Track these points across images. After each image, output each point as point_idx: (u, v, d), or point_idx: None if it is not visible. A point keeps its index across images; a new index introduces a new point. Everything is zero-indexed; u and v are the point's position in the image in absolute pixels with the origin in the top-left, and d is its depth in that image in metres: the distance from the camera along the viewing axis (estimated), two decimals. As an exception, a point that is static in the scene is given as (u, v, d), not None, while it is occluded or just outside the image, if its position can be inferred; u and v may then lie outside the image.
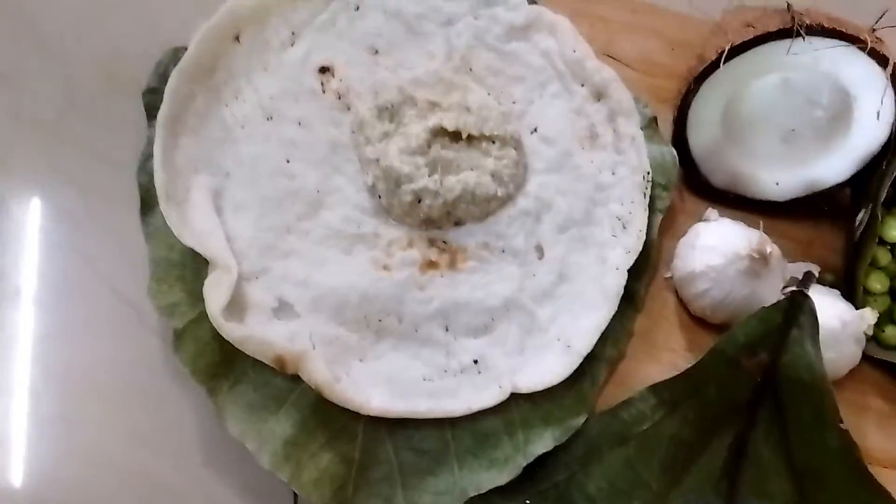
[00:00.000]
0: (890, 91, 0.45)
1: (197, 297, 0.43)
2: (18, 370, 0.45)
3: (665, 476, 0.44)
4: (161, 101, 0.45)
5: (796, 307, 0.42)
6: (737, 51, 0.44)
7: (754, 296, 0.45)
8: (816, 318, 0.42)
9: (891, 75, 0.45)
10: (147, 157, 0.47)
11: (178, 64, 0.46)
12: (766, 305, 0.42)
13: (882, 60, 0.44)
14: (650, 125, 0.50)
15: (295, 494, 0.43)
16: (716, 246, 0.45)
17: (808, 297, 0.41)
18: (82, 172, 0.50)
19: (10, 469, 0.43)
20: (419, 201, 0.45)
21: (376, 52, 0.50)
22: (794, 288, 0.42)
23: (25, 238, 0.48)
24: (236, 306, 0.42)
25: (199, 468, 0.44)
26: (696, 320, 0.48)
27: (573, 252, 0.47)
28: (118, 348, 0.46)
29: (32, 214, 0.49)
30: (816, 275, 0.47)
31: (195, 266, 0.44)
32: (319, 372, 0.40)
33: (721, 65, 0.44)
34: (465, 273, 0.46)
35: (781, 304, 0.42)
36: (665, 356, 0.47)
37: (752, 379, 0.43)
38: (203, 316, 0.42)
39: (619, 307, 0.46)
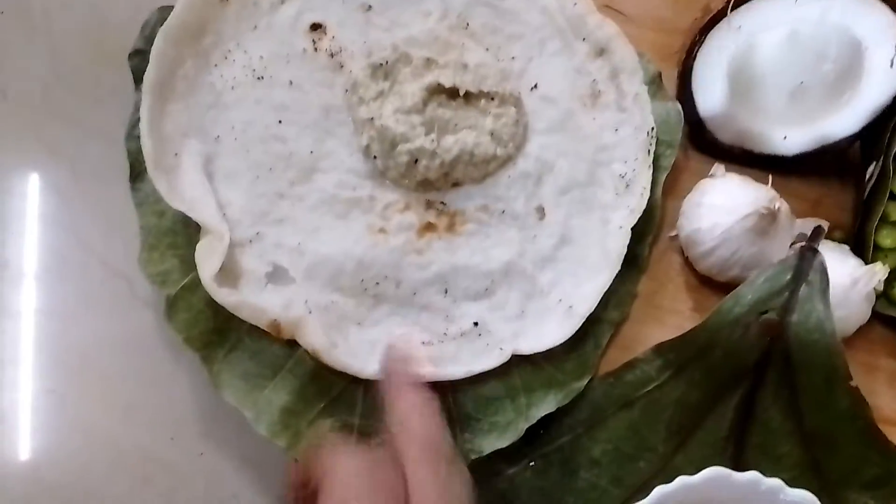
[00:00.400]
0: (898, 38, 0.43)
1: (189, 265, 0.42)
2: (9, 346, 0.45)
3: (671, 439, 0.43)
4: (147, 63, 0.44)
5: (806, 263, 0.41)
6: (740, 2, 0.42)
7: (762, 254, 0.43)
8: (827, 274, 0.40)
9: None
10: (135, 123, 0.46)
11: (164, 25, 0.45)
12: (775, 262, 0.41)
13: (896, 7, 0.43)
14: (654, 81, 0.48)
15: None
16: (722, 203, 0.44)
17: (817, 252, 0.40)
18: (70, 145, 0.49)
19: (4, 446, 0.43)
20: (415, 162, 0.44)
21: (369, 9, 0.48)
22: (803, 244, 0.40)
23: (14, 213, 0.47)
24: (230, 273, 0.42)
25: (196, 441, 0.43)
26: (703, 280, 0.47)
27: (575, 214, 0.46)
28: (111, 322, 0.45)
29: (20, 189, 0.48)
30: (826, 230, 0.45)
31: (187, 233, 0.44)
32: (316, 336, 0.39)
33: (728, 12, 0.42)
34: (463, 236, 0.45)
35: (790, 260, 0.41)
36: (670, 318, 0.46)
37: (760, 339, 0.42)
38: (196, 283, 0.41)
39: (622, 269, 0.44)
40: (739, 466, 0.43)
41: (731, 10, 0.42)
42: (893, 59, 0.43)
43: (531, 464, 0.43)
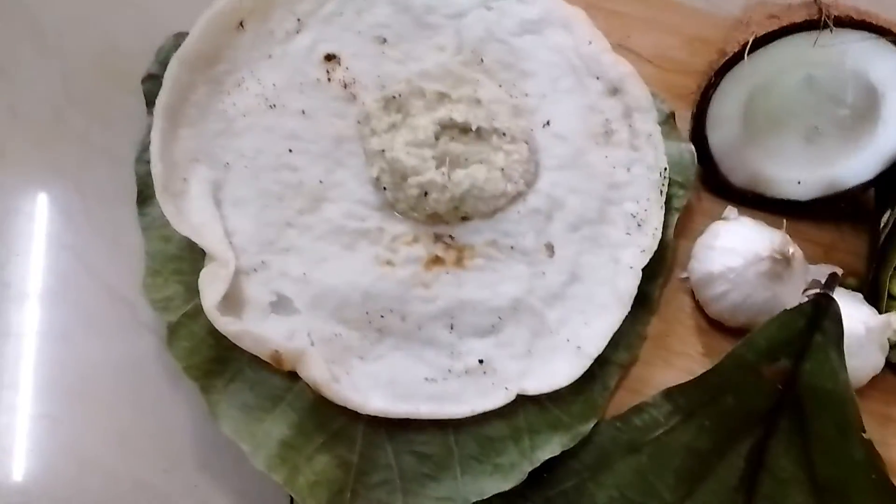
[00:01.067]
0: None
1: (193, 291, 0.41)
2: (8, 368, 0.44)
3: (679, 487, 0.42)
4: (160, 88, 0.44)
5: (820, 311, 0.40)
6: (761, 42, 0.42)
7: (775, 299, 0.43)
8: (841, 322, 0.40)
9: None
10: (145, 147, 0.46)
11: (179, 50, 0.45)
12: (788, 308, 0.40)
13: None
14: (667, 121, 0.48)
15: (291, 500, 0.41)
16: (735, 246, 0.43)
17: (832, 299, 0.39)
18: (79, 167, 0.48)
19: (-3, 468, 0.42)
20: (425, 195, 0.43)
21: (384, 42, 0.48)
22: (817, 290, 0.40)
23: (19, 233, 0.47)
24: (233, 301, 0.41)
25: (192, 472, 0.42)
26: (713, 324, 0.46)
27: (585, 252, 0.45)
28: (111, 347, 0.44)
29: (28, 210, 0.47)
30: (840, 277, 0.45)
31: (192, 259, 0.43)
32: (318, 370, 0.39)
33: (745, 56, 0.42)
34: (471, 271, 0.44)
35: (804, 307, 0.40)
36: (680, 361, 0.45)
37: (772, 386, 0.41)
38: (198, 310, 0.40)
39: (632, 309, 0.44)
40: (749, 518, 0.42)
41: (749, 54, 0.42)
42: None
43: (537, 508, 0.42)
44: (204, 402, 0.40)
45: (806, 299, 0.40)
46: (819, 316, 0.40)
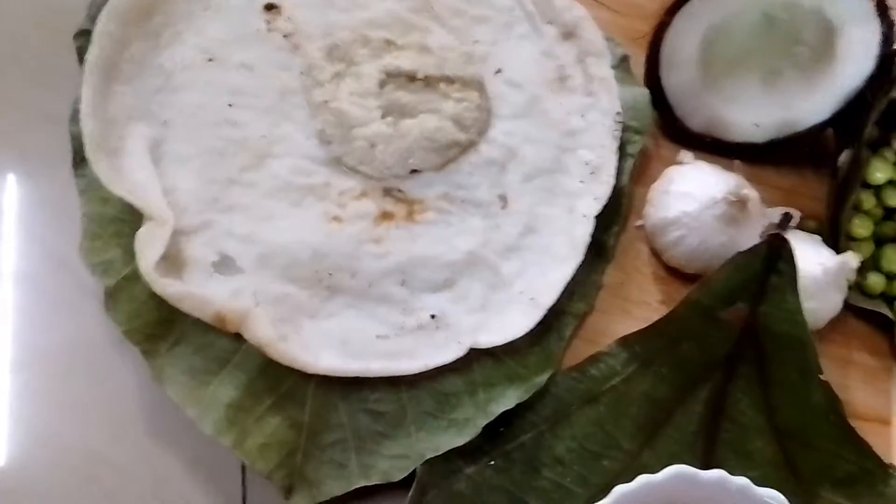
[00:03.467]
0: (873, 20, 0.42)
1: (133, 254, 0.39)
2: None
3: (638, 435, 0.41)
4: (92, 43, 0.42)
5: (774, 252, 0.39)
6: (710, -21, 0.41)
7: (732, 243, 0.42)
8: (794, 262, 0.39)
9: (877, 5, 0.41)
10: (79, 106, 0.43)
11: (109, 3, 0.43)
12: (743, 251, 0.39)
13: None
14: (621, 65, 0.47)
15: (244, 464, 0.40)
16: (690, 191, 0.42)
17: (786, 240, 0.39)
18: (15, 129, 0.46)
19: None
20: (372, 147, 0.42)
21: (328, -10, 0.46)
22: (772, 232, 0.39)
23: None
24: (174, 262, 0.39)
25: (142, 439, 0.41)
26: (671, 271, 0.45)
27: (540, 202, 0.44)
28: (54, 314, 0.43)
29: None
30: (797, 219, 0.44)
31: (132, 221, 0.41)
32: (263, 329, 0.37)
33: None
34: (423, 225, 0.43)
35: (759, 248, 0.39)
36: (637, 310, 0.44)
37: (730, 331, 0.41)
38: (138, 273, 0.39)
39: (588, 259, 0.43)
40: (709, 463, 0.41)
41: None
42: (864, 44, 0.41)
43: (492, 462, 0.41)
44: (148, 367, 0.39)
45: (761, 241, 0.40)
46: (774, 257, 0.39)
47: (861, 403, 0.46)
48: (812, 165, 0.49)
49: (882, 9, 0.41)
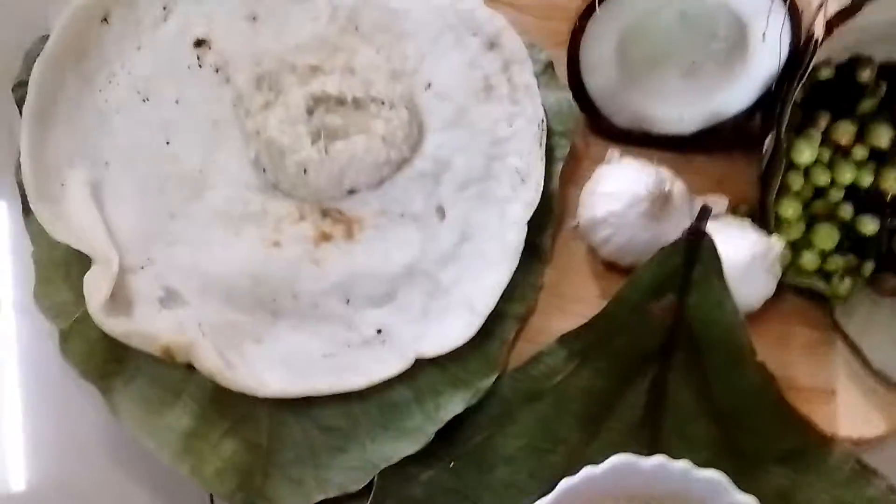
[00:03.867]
0: (779, 10, 0.43)
1: (83, 296, 0.41)
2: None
3: (583, 430, 0.43)
4: (28, 93, 0.43)
5: (694, 244, 0.40)
6: (616, -16, 0.42)
7: (660, 237, 0.43)
8: (717, 252, 0.40)
9: (780, -4, 0.42)
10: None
11: (42, 52, 0.44)
12: (665, 245, 0.41)
13: (768, -21, 0.42)
14: (546, 71, 0.48)
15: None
16: (615, 190, 0.43)
17: (704, 232, 0.40)
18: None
19: None
20: (305, 172, 0.43)
21: (255, 19, 0.47)
22: (691, 226, 0.40)
23: None
24: (122, 300, 0.41)
25: (109, 470, 0.43)
26: (608, 268, 0.47)
27: (474, 210, 0.45)
28: (13, 356, 0.45)
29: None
30: (724, 206, 0.45)
31: (81, 264, 0.43)
32: (210, 359, 0.39)
33: (597, 6, 0.42)
34: (362, 243, 0.44)
35: (680, 242, 0.41)
36: (577, 307, 0.46)
37: (662, 323, 0.42)
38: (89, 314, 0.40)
39: (525, 261, 0.44)
40: (656, 450, 0.43)
41: (601, 1, 0.42)
42: (765, 33, 0.42)
43: (445, 466, 0.42)
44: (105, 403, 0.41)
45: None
46: (694, 249, 0.41)
47: (805, 377, 0.47)
48: (742, 151, 0.50)
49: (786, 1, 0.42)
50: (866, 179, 0.47)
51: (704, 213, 0.40)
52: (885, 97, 0.48)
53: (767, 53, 0.45)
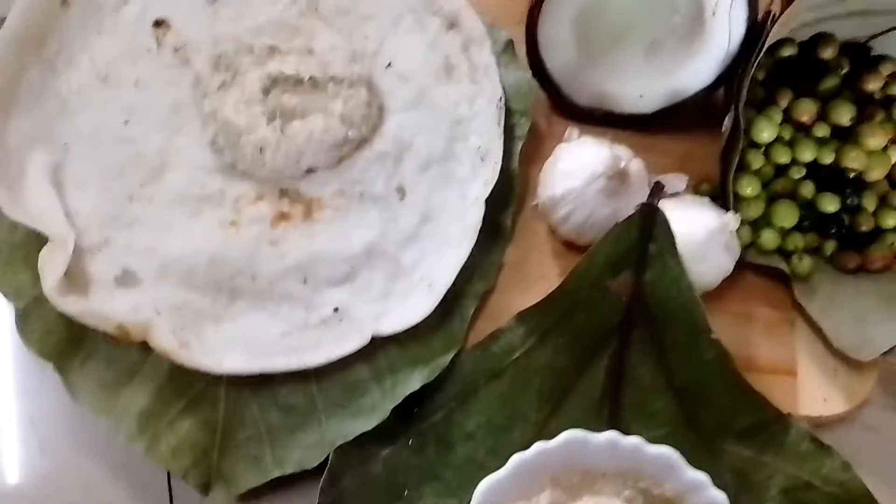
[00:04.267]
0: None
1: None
2: None
3: (543, 406, 0.43)
4: (-15, 77, 0.43)
5: (648, 221, 0.41)
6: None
7: (617, 214, 0.43)
8: (670, 229, 0.40)
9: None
10: (-19, 138, 0.45)
11: (0, 34, 0.44)
12: (619, 222, 0.41)
13: (722, -47, 0.42)
14: (506, 50, 0.48)
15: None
16: (573, 168, 0.43)
17: (656, 209, 0.40)
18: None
19: None
20: (261, 152, 0.43)
21: (215, 1, 0.47)
22: (644, 202, 0.40)
23: None
24: (79, 281, 0.41)
25: (69, 450, 0.43)
26: (568, 246, 0.47)
27: (436, 191, 0.46)
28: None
29: None
30: (683, 185, 0.46)
31: (39, 245, 0.43)
32: (164, 338, 0.39)
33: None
34: (321, 223, 0.44)
35: (633, 219, 0.41)
36: (538, 285, 0.46)
37: (619, 299, 0.42)
38: (45, 294, 0.41)
39: (485, 240, 0.44)
40: (616, 427, 0.43)
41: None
42: (715, 9, 0.42)
43: (408, 443, 0.43)
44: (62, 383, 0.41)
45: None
46: (648, 226, 0.41)
47: (766, 356, 0.47)
48: (705, 129, 0.50)
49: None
50: (827, 157, 0.47)
51: (657, 189, 0.40)
52: (846, 75, 0.48)
53: (725, 30, 0.45)
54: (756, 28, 0.45)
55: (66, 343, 0.41)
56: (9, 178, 0.42)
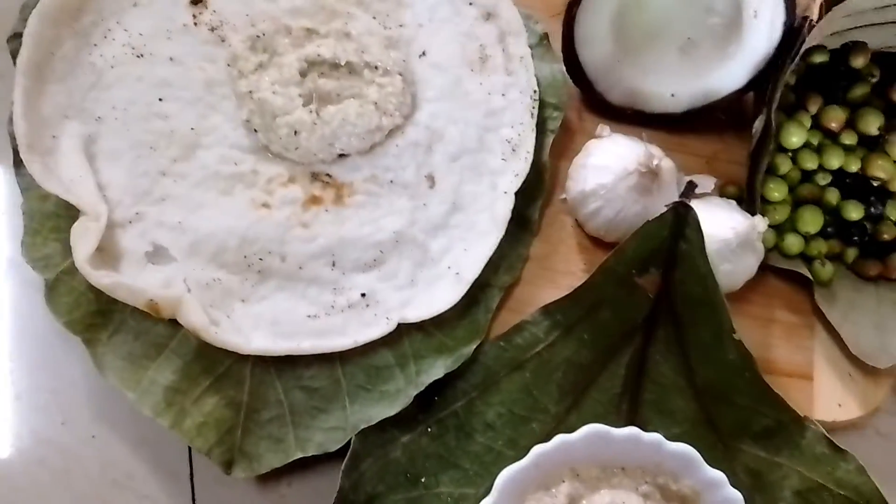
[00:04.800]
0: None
1: (70, 248, 0.41)
2: None
3: (563, 399, 0.43)
4: (23, 45, 0.43)
5: (680, 219, 0.41)
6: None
7: (647, 212, 0.44)
8: (700, 228, 0.41)
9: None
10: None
11: (38, 5, 0.44)
12: (651, 219, 0.41)
13: (765, -44, 0.42)
14: (541, 43, 0.48)
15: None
16: (605, 163, 0.44)
17: (689, 207, 0.40)
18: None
19: None
20: (296, 134, 0.43)
21: (253, -19, 0.47)
22: (676, 201, 0.40)
23: None
24: (110, 254, 0.41)
25: (90, 423, 0.43)
26: (594, 241, 0.47)
27: (466, 181, 0.46)
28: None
29: None
30: (711, 186, 0.46)
31: (69, 217, 0.43)
32: (195, 315, 0.39)
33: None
34: (351, 208, 0.44)
35: (665, 217, 0.41)
36: (563, 279, 0.46)
37: (645, 296, 0.43)
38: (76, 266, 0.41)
39: (513, 232, 0.45)
40: (634, 423, 0.43)
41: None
42: (756, 10, 0.43)
43: (426, 430, 0.43)
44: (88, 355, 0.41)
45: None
46: (680, 224, 0.41)
47: (784, 360, 0.47)
48: (733, 132, 0.51)
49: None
50: (854, 165, 0.47)
51: (690, 188, 0.41)
52: (876, 84, 0.48)
53: (762, 33, 0.45)
54: (792, 33, 0.45)
55: (94, 316, 0.41)
56: (42, 148, 0.42)
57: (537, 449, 0.38)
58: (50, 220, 0.43)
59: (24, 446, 0.42)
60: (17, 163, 0.45)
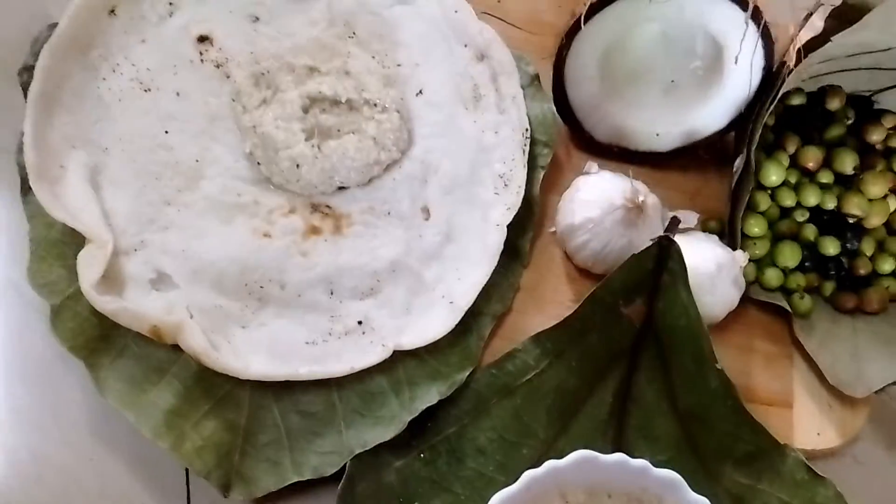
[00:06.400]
0: (752, 34, 0.45)
1: (75, 274, 0.42)
2: None
3: (552, 425, 0.45)
4: (34, 78, 0.45)
5: (664, 253, 0.43)
6: (598, 7, 0.44)
7: (633, 245, 0.45)
8: (683, 261, 0.42)
9: (752, 17, 0.45)
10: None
11: (50, 40, 0.46)
12: (637, 252, 0.43)
13: (743, 4, 0.45)
14: (532, 83, 0.50)
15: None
16: (593, 198, 0.46)
17: (672, 241, 0.42)
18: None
19: None
20: (298, 167, 0.45)
21: (257, 20, 0.49)
22: (660, 234, 0.42)
23: None
24: (114, 281, 0.42)
25: (88, 443, 0.44)
26: (582, 272, 0.49)
27: (458, 213, 0.48)
28: (3, 333, 0.46)
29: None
30: (695, 221, 0.48)
31: (75, 244, 0.44)
32: (196, 340, 0.40)
33: (583, 24, 0.44)
34: (349, 238, 0.46)
35: (650, 250, 0.43)
36: (552, 308, 0.48)
37: (631, 325, 0.44)
38: (81, 292, 0.42)
39: (504, 263, 0.46)
40: (620, 448, 0.45)
41: (588, 19, 0.44)
42: (738, 56, 0.45)
43: (419, 455, 0.44)
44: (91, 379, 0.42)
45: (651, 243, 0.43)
46: (664, 257, 0.43)
47: (763, 388, 0.49)
48: (715, 169, 0.53)
49: (760, 25, 0.45)
50: (830, 203, 0.50)
51: (674, 223, 0.42)
52: (851, 125, 0.51)
53: (742, 76, 0.47)
54: (771, 77, 0.47)
55: (97, 340, 0.42)
56: (50, 176, 0.44)
57: (528, 474, 0.39)
58: (55, 247, 0.45)
59: (22, 466, 0.43)
60: (25, 191, 0.46)
